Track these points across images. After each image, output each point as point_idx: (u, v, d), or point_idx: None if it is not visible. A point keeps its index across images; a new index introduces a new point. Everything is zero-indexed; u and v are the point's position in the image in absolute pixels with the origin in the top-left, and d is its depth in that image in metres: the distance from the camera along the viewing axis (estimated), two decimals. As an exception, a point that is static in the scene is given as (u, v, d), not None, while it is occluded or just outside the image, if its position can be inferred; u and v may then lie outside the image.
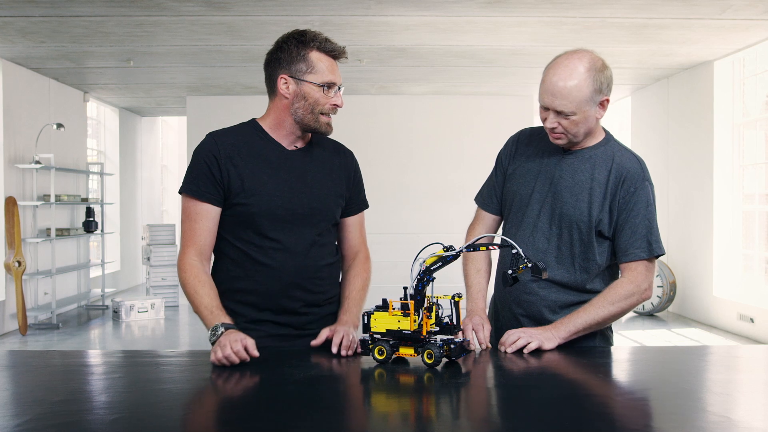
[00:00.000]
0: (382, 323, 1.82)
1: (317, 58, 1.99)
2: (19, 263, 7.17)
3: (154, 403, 1.54)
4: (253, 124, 2.10)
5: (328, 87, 2.00)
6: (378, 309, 1.84)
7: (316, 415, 1.41)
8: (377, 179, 8.74)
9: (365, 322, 1.85)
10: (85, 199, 8.77)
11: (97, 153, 10.53)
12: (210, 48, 6.88)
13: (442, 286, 2.29)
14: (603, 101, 1.97)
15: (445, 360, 1.79)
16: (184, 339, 7.32)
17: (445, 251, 1.80)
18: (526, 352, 1.93)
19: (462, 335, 1.92)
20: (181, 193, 2.04)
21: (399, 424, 1.42)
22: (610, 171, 2.01)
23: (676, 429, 1.35)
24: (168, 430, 1.37)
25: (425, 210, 9.56)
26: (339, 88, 2.02)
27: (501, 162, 2.21)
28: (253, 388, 1.68)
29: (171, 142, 13.66)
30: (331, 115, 2.04)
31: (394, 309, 1.82)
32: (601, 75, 1.94)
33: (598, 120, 2.01)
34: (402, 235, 9.26)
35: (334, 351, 1.91)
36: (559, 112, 1.95)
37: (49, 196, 7.79)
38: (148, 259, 9.12)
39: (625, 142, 2.24)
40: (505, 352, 1.94)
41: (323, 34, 2.01)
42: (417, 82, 8.83)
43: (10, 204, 7.17)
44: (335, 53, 2.02)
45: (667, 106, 8.51)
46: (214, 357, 1.79)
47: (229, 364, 1.77)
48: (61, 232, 8.12)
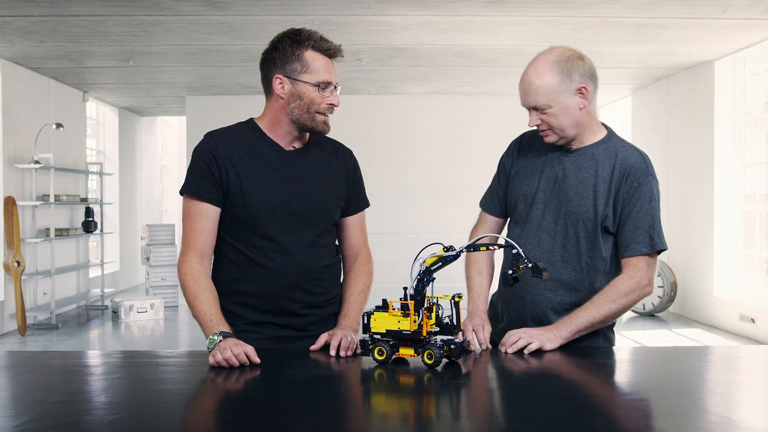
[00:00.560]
0: (382, 324, 1.81)
1: (312, 57, 1.97)
2: (19, 263, 7.16)
3: (154, 403, 1.54)
4: (250, 124, 2.09)
5: (324, 86, 1.98)
6: (378, 309, 1.83)
7: (316, 416, 1.40)
8: (377, 179, 8.73)
9: (365, 322, 1.84)
10: (84, 199, 8.76)
11: (96, 153, 10.52)
12: (209, 48, 6.87)
13: (442, 287, 2.28)
14: (580, 88, 1.96)
15: (445, 360, 1.79)
16: (183, 339, 7.31)
17: (445, 251, 1.79)
18: (526, 353, 1.92)
19: (462, 336, 1.92)
20: (182, 193, 2.03)
21: (399, 425, 1.42)
22: (614, 167, 2.00)
23: (676, 429, 1.34)
24: (167, 430, 1.36)
25: (425, 210, 9.56)
26: (335, 87, 2.01)
27: (503, 165, 2.21)
28: (253, 388, 1.67)
29: (170, 142, 13.66)
30: (329, 114, 2.03)
31: (394, 309, 1.81)
32: (569, 63, 1.95)
33: (584, 111, 1.99)
34: (402, 235, 9.26)
35: (332, 354, 1.90)
36: (537, 108, 1.97)
37: (48, 196, 7.79)
38: (148, 259, 9.11)
39: (626, 141, 2.24)
40: (506, 353, 1.93)
41: (318, 32, 2.00)
42: (417, 82, 8.82)
43: (10, 204, 7.17)
44: (330, 52, 2.00)
45: (667, 106, 8.50)
46: (213, 360, 1.78)
47: (228, 366, 1.77)
48: (61, 232, 8.12)
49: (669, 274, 8.11)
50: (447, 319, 1.81)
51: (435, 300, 1.81)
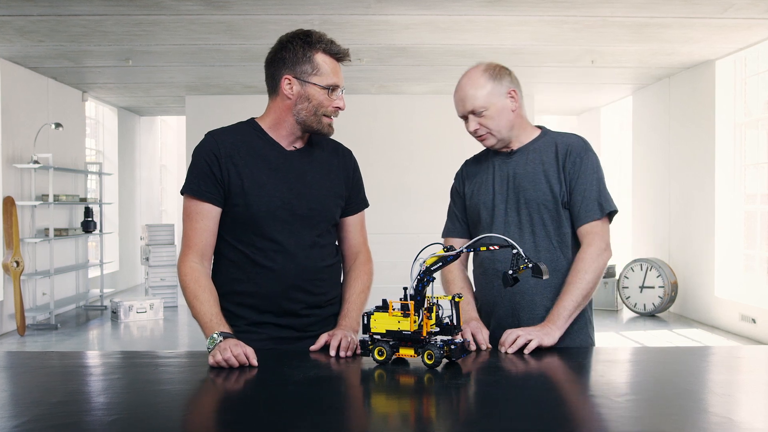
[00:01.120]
0: (381, 324, 1.81)
1: (322, 60, 1.98)
2: (18, 263, 7.16)
3: (153, 404, 1.53)
4: (251, 124, 2.09)
5: (332, 89, 1.99)
6: (378, 309, 1.83)
7: (316, 416, 1.40)
8: (377, 179, 8.73)
9: (365, 322, 1.84)
10: (83, 199, 8.76)
11: (95, 153, 10.52)
12: (209, 47, 6.87)
13: (442, 287, 2.28)
14: (510, 92, 2.13)
15: (445, 361, 1.79)
16: (183, 339, 7.31)
17: (445, 251, 1.79)
18: (526, 351, 1.93)
19: (462, 336, 1.92)
20: (183, 193, 2.03)
21: (399, 425, 1.42)
22: (556, 151, 2.15)
23: (677, 430, 1.34)
24: (167, 431, 1.36)
25: (425, 210, 9.55)
26: (341, 91, 2.01)
27: (456, 191, 2.31)
28: (253, 388, 1.67)
29: (170, 142, 13.65)
30: (334, 117, 2.03)
31: (394, 309, 1.81)
32: (497, 72, 2.13)
33: (516, 113, 2.14)
34: (402, 235, 9.26)
35: (332, 354, 1.90)
36: (473, 112, 2.11)
37: (47, 195, 7.78)
38: (147, 259, 9.11)
39: (626, 142, 2.28)
40: (506, 353, 1.94)
41: (327, 35, 2.00)
42: (417, 82, 8.82)
43: (9, 204, 7.16)
44: (340, 56, 2.01)
45: (668, 106, 8.50)
46: (212, 360, 1.78)
47: (227, 366, 1.76)
48: (60, 232, 8.11)
49: (670, 274, 8.10)
50: (447, 320, 1.81)
51: (435, 300, 1.81)
